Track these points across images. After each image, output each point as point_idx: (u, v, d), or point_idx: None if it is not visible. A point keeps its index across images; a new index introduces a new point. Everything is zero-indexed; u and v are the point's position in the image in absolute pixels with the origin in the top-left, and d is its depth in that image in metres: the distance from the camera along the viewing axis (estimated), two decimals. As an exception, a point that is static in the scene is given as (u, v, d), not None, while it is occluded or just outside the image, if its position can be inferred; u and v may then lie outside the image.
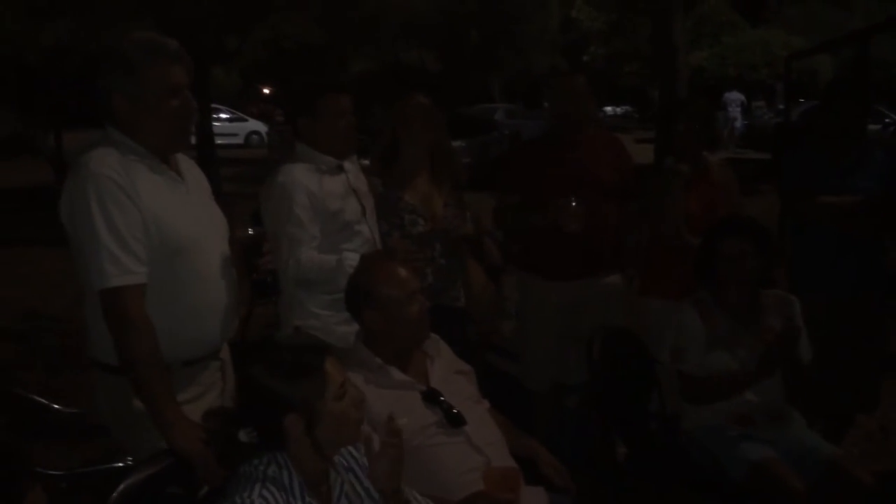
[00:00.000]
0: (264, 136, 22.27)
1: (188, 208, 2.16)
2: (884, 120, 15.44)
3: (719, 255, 2.84)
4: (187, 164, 2.29)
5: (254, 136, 25.13)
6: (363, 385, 2.09)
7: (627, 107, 38.89)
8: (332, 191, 2.80)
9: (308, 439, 1.68)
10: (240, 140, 24.83)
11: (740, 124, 21.19)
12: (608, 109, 36.80)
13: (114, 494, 1.84)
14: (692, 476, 2.77)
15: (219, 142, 15.31)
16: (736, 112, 21.24)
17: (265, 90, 30.08)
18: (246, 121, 25.85)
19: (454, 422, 2.24)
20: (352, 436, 1.79)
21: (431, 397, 2.28)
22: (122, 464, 2.46)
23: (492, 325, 4.02)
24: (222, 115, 24.37)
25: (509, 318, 4.23)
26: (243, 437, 1.67)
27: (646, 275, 3.63)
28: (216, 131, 15.17)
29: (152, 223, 2.04)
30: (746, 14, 24.51)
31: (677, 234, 3.33)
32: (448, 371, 2.43)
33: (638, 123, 30.45)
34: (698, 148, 3.45)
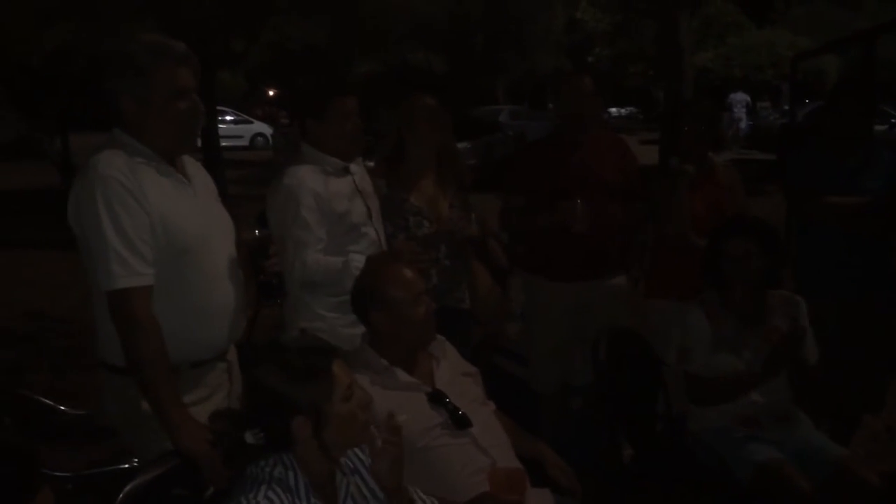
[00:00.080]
0: (269, 138, 22.35)
1: (195, 210, 2.16)
2: (890, 120, 15.36)
3: (725, 255, 2.83)
4: (194, 167, 2.29)
5: (259, 138, 25.21)
6: (369, 386, 2.08)
7: (632, 108, 38.84)
8: (338, 192, 2.79)
9: (315, 441, 1.68)
10: (245, 142, 24.91)
11: (745, 125, 21.17)
12: (613, 110, 36.70)
13: (120, 496, 1.84)
14: (698, 477, 2.77)
15: (224, 144, 15.34)
16: (741, 113, 21.25)
17: (270, 92, 30.14)
18: (251, 123, 25.92)
19: (460, 423, 2.24)
20: (359, 438, 1.79)
21: (437, 399, 2.28)
22: (129, 465, 2.47)
23: (497, 326, 4.02)
24: (227, 118, 24.42)
25: (515, 320, 4.22)
26: (250, 439, 1.67)
27: (651, 276, 3.63)
28: (221, 133, 15.20)
29: (159, 225, 2.05)
30: (752, 15, 24.45)
31: (683, 235, 3.33)
32: (454, 373, 2.43)
33: (643, 124, 30.37)
34: (703, 148, 3.45)
